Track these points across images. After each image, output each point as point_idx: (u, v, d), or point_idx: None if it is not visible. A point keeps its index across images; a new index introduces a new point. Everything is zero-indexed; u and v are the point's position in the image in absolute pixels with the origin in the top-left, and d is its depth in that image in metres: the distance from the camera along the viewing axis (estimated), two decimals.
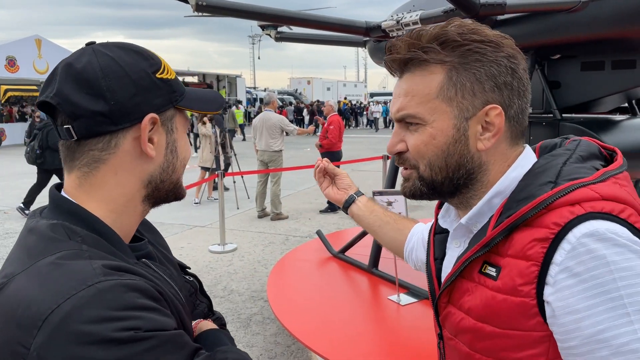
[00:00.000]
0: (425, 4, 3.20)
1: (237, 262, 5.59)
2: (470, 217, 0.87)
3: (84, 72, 0.76)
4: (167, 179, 0.86)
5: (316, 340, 2.78)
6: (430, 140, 0.84)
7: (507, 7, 2.49)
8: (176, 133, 0.87)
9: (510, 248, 0.77)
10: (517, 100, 0.84)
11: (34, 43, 20.96)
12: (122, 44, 0.84)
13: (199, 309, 1.03)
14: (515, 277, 0.75)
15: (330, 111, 8.15)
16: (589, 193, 0.73)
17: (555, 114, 2.86)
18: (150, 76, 0.81)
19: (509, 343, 0.77)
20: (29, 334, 0.63)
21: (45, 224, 0.77)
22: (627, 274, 0.68)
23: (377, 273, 3.71)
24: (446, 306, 0.90)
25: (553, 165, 0.80)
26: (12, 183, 11.06)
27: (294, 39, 4.22)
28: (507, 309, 0.76)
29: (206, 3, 2.86)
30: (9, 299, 0.69)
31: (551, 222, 0.73)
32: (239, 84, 33.40)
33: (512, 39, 0.85)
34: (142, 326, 0.66)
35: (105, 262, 0.71)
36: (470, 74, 0.81)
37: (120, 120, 0.78)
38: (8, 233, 6.90)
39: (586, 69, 2.81)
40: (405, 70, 0.87)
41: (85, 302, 0.64)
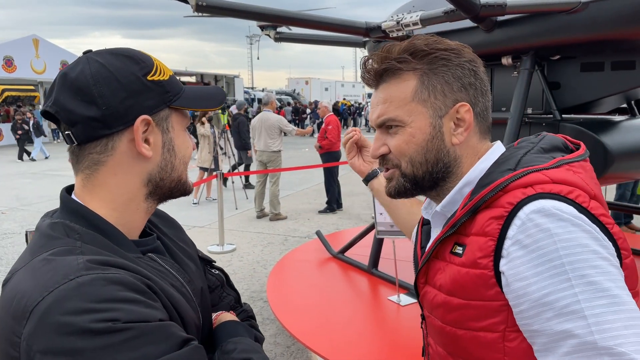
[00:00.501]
0: (425, 4, 3.20)
1: (236, 263, 5.59)
2: (444, 205, 0.96)
3: (77, 80, 0.81)
4: (167, 177, 0.89)
5: (316, 341, 2.78)
6: (410, 138, 0.93)
7: (508, 8, 2.49)
8: (172, 132, 0.89)
9: (473, 227, 0.86)
10: (481, 98, 0.95)
11: (32, 43, 20.92)
12: (114, 49, 0.87)
13: (224, 301, 1.07)
14: (475, 252, 0.84)
15: (325, 112, 8.14)
16: (541, 177, 0.83)
17: (555, 115, 2.87)
18: (141, 79, 0.83)
19: (473, 313, 0.85)
20: (19, 324, 0.69)
21: (47, 223, 0.82)
22: (569, 244, 0.75)
23: (377, 273, 3.72)
24: (424, 286, 0.99)
25: (514, 155, 0.90)
26: (10, 183, 11.03)
27: (294, 39, 4.22)
28: (469, 281, 0.85)
29: (206, 3, 2.85)
30: (8, 292, 0.75)
31: (506, 202, 0.82)
32: (237, 84, 33.37)
33: (469, 47, 0.96)
34: (120, 317, 0.68)
35: (91, 257, 0.75)
36: (440, 77, 0.92)
37: (114, 123, 0.81)
38: (6, 234, 6.88)
39: (586, 69, 2.82)
40: (381, 81, 0.97)
41: (65, 294, 0.68)
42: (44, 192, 9.91)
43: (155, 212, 1.07)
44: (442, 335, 0.93)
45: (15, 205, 8.71)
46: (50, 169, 13.20)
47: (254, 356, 0.86)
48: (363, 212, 8.04)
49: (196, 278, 0.96)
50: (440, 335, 0.95)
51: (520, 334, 0.82)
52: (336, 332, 2.89)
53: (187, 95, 0.90)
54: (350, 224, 7.12)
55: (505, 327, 0.83)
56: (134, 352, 0.68)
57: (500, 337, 0.84)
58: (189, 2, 2.90)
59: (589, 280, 0.73)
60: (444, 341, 0.94)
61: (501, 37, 2.85)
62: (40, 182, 11.15)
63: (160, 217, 1.05)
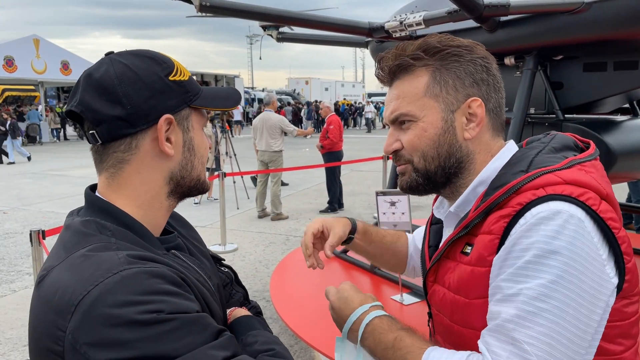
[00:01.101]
0: (427, 5, 3.21)
1: (238, 262, 5.60)
2: (458, 205, 0.96)
3: (102, 80, 0.83)
4: (187, 176, 0.91)
5: (320, 340, 2.79)
6: (422, 133, 0.94)
7: (511, 8, 2.50)
8: (192, 131, 0.91)
9: (483, 228, 0.87)
10: (494, 94, 0.95)
11: (32, 43, 20.92)
12: (136, 51, 0.90)
13: (234, 298, 1.10)
14: (481, 250, 0.85)
15: (327, 112, 8.15)
16: (553, 178, 0.83)
17: (557, 115, 2.88)
18: (163, 79, 0.86)
19: (477, 311, 0.86)
20: (64, 319, 0.70)
21: (78, 221, 0.84)
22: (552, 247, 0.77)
23: (380, 273, 3.72)
24: (432, 284, 1.00)
25: (527, 155, 0.90)
26: (11, 183, 11.04)
27: (296, 39, 4.22)
28: (474, 279, 0.86)
29: (210, 3, 2.86)
30: (48, 289, 0.76)
31: (516, 203, 0.83)
32: (237, 84, 33.37)
33: (482, 45, 0.96)
34: (164, 309, 0.71)
35: (130, 252, 0.77)
36: (452, 72, 0.93)
37: (138, 122, 0.84)
38: (8, 233, 6.89)
39: (588, 69, 2.83)
40: (394, 78, 0.99)
41: (111, 288, 0.70)
42: (44, 192, 9.92)
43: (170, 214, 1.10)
44: (451, 334, 0.94)
45: (17, 205, 8.72)
46: (51, 169, 13.20)
47: (277, 347, 0.88)
48: (364, 211, 8.04)
49: (213, 274, 1.00)
50: (449, 334, 0.96)
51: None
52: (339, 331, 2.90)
53: (205, 95, 0.92)
54: None
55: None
56: (177, 342, 0.70)
57: None
58: (193, 2, 2.91)
59: (540, 291, 0.76)
60: (452, 340, 0.95)
61: (504, 37, 2.85)
62: (41, 182, 11.16)
63: (174, 218, 1.07)
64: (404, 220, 3.11)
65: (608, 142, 2.63)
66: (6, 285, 5.02)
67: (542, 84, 2.94)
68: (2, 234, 6.88)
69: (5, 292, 4.83)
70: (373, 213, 7.70)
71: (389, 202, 3.10)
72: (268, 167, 7.55)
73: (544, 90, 2.96)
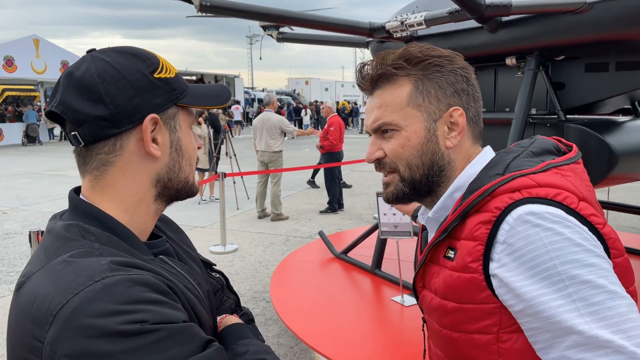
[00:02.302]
0: (428, 5, 3.20)
1: (238, 263, 5.58)
2: (436, 210, 0.98)
3: (83, 79, 0.79)
4: (175, 178, 0.87)
5: (320, 341, 2.78)
6: (405, 142, 0.95)
7: (513, 8, 2.49)
8: (180, 131, 0.87)
9: (463, 232, 0.88)
10: (473, 103, 0.98)
11: (32, 43, 20.91)
12: (119, 47, 0.85)
13: (226, 304, 1.06)
14: (465, 256, 0.86)
15: (329, 112, 8.14)
16: (527, 181, 0.84)
17: (559, 115, 2.86)
18: (148, 77, 0.82)
19: (466, 316, 0.87)
20: (42, 329, 0.66)
21: (60, 225, 0.80)
22: (559, 245, 0.77)
23: (380, 274, 3.71)
24: (422, 290, 1.01)
25: (503, 160, 0.92)
26: (10, 183, 11.03)
27: (296, 39, 4.21)
28: (461, 285, 0.86)
29: (210, 3, 2.85)
30: (26, 296, 0.72)
31: (494, 207, 0.84)
32: (237, 85, 33.38)
33: (461, 55, 0.98)
34: (148, 319, 0.67)
35: (114, 259, 0.73)
36: (434, 82, 0.95)
37: (122, 122, 0.80)
38: (7, 234, 6.88)
39: (590, 70, 2.81)
40: (376, 87, 0.99)
41: (92, 296, 0.66)
42: (44, 192, 9.90)
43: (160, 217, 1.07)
44: (440, 338, 0.95)
45: (17, 205, 8.70)
46: (50, 169, 13.19)
47: (267, 357, 0.85)
48: (364, 212, 8.03)
49: (203, 280, 0.96)
50: (438, 338, 0.96)
51: (513, 335, 0.84)
52: (340, 333, 2.89)
53: (193, 93, 0.89)
54: (352, 224, 7.12)
55: (499, 328, 0.85)
56: (162, 353, 0.67)
57: (494, 339, 0.85)
58: (193, 2, 2.90)
59: (582, 279, 0.75)
60: (441, 344, 0.96)
61: (505, 37, 2.84)
62: (41, 182, 11.14)
63: (163, 221, 1.04)
64: (404, 222, 3.10)
65: (610, 143, 2.62)
66: (5, 285, 5.01)
67: (544, 85, 2.93)
68: (2, 234, 6.86)
69: (5, 293, 4.81)
70: (373, 213, 7.69)
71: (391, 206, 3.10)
72: (268, 168, 7.54)
73: (545, 91, 2.95)
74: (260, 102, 27.78)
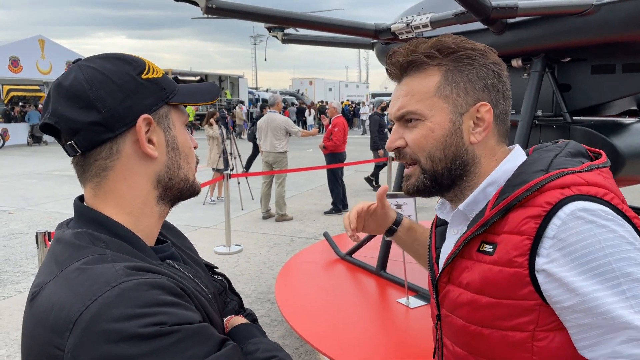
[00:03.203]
0: (433, 6, 3.20)
1: (242, 264, 5.59)
2: (467, 204, 0.96)
3: (72, 87, 0.80)
4: (175, 177, 0.88)
5: (325, 343, 2.78)
6: (429, 133, 0.93)
7: (519, 10, 2.49)
8: (174, 130, 0.88)
9: (505, 226, 0.87)
10: (502, 101, 0.96)
11: (38, 43, 21.01)
12: (104, 54, 0.86)
13: (229, 306, 1.07)
14: (510, 250, 0.84)
15: (334, 113, 8.14)
16: (577, 179, 0.84)
17: (565, 117, 2.86)
18: (136, 78, 0.83)
19: (504, 312, 0.86)
20: (62, 337, 0.67)
21: (70, 233, 0.80)
22: (613, 243, 0.77)
23: (385, 276, 3.71)
24: (445, 285, 0.98)
25: (544, 157, 0.91)
26: (16, 184, 11.08)
27: (301, 40, 4.22)
28: (502, 280, 0.85)
29: (216, 6, 2.86)
30: (42, 306, 0.72)
31: (544, 202, 0.82)
32: (241, 85, 33.41)
33: (495, 51, 0.96)
34: (167, 321, 0.68)
35: (128, 264, 0.74)
36: (464, 75, 0.93)
37: (116, 126, 0.80)
38: (13, 234, 6.91)
39: (597, 72, 2.81)
40: (404, 74, 0.97)
41: (111, 302, 0.67)
42: (49, 192, 9.95)
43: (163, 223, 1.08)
44: (465, 334, 0.93)
45: (22, 205, 8.75)
46: (55, 169, 13.25)
47: (279, 354, 0.86)
48: None
49: (209, 283, 0.97)
50: (462, 335, 0.94)
51: (550, 333, 0.83)
52: (345, 334, 2.89)
53: (182, 91, 0.90)
54: None
55: (535, 326, 0.84)
56: (182, 354, 0.68)
57: (530, 337, 0.84)
58: (199, 4, 2.91)
59: (636, 277, 0.76)
60: (466, 341, 0.94)
61: (511, 39, 2.84)
62: (46, 182, 11.19)
63: (165, 227, 1.04)
64: None
65: (616, 144, 2.61)
66: (12, 286, 5.04)
67: (550, 86, 2.92)
68: (8, 234, 6.90)
69: (11, 293, 4.84)
70: None
71: (395, 204, 3.09)
72: (273, 168, 7.55)
73: (551, 93, 2.94)
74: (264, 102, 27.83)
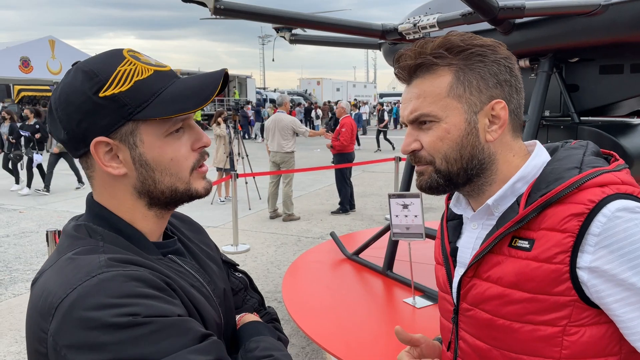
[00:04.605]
0: (440, 6, 3.20)
1: (250, 263, 5.62)
2: (496, 199, 0.95)
3: (52, 102, 0.83)
4: (154, 190, 0.85)
5: (331, 342, 2.79)
6: (445, 134, 0.92)
7: (526, 11, 2.49)
8: (142, 146, 0.82)
9: (543, 222, 0.87)
10: (515, 95, 0.95)
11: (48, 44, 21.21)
12: (84, 61, 0.85)
13: (248, 303, 1.08)
14: (551, 247, 0.85)
15: (342, 113, 8.15)
16: (613, 178, 0.86)
17: (573, 117, 2.85)
18: (91, 98, 0.79)
19: (538, 307, 0.86)
20: (46, 321, 0.72)
21: (71, 225, 0.86)
22: None
23: (392, 275, 3.71)
24: (470, 280, 0.97)
25: (574, 154, 0.92)
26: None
27: (309, 41, 4.23)
28: (540, 275, 0.85)
29: (224, 7, 2.88)
30: (36, 291, 0.78)
31: (586, 199, 0.83)
32: (249, 85, 33.50)
33: (504, 44, 0.95)
34: (140, 312, 0.70)
35: (112, 256, 0.77)
36: (476, 73, 0.91)
37: (78, 146, 0.82)
38: (24, 232, 6.99)
39: (605, 72, 2.80)
40: (414, 76, 0.95)
41: (88, 291, 0.71)
42: (59, 191, 10.04)
43: (180, 216, 1.09)
44: (490, 328, 0.93)
45: (32, 204, 8.84)
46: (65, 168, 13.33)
47: (276, 353, 0.87)
48: (376, 213, 8.03)
49: (218, 279, 0.98)
50: (486, 328, 0.94)
51: (581, 328, 0.85)
52: (351, 334, 2.90)
53: (162, 99, 0.81)
54: (363, 225, 7.13)
55: (568, 321, 0.85)
56: (154, 345, 0.70)
57: (561, 331, 0.85)
58: (207, 5, 2.93)
59: None
60: (491, 334, 0.93)
61: (519, 39, 2.84)
62: (55, 181, 11.28)
63: (184, 222, 1.06)
64: (416, 223, 3.10)
65: (624, 145, 2.60)
66: (22, 284, 5.10)
67: (558, 87, 2.92)
68: (18, 232, 6.98)
69: (22, 291, 4.90)
70: (384, 214, 7.69)
71: (402, 204, 3.10)
72: (280, 168, 7.57)
73: (559, 93, 2.94)
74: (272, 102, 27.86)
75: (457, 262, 1.03)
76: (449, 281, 1.04)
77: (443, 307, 1.08)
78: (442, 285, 1.08)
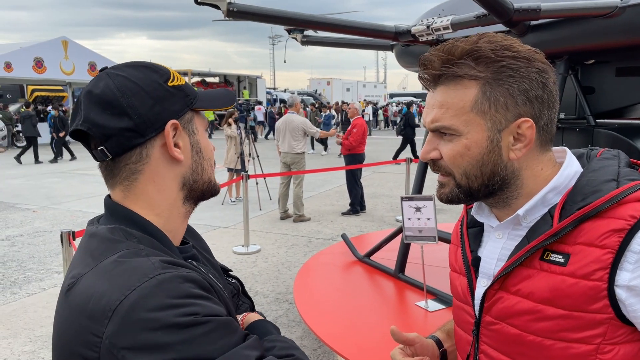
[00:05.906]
0: (454, 8, 3.18)
1: (261, 264, 5.63)
2: (527, 209, 0.91)
3: (104, 95, 0.84)
4: (199, 179, 0.92)
5: (343, 345, 2.79)
6: (465, 151, 0.88)
7: (542, 13, 2.46)
8: (198, 134, 0.92)
9: (580, 237, 0.84)
10: (546, 111, 0.89)
11: (61, 44, 21.40)
12: (131, 62, 0.90)
13: (242, 308, 1.10)
14: (590, 263, 0.82)
15: (355, 114, 8.13)
16: None
17: (589, 120, 2.82)
18: (163, 86, 0.87)
19: (573, 324, 0.84)
20: (100, 324, 0.71)
21: (104, 228, 0.85)
22: None
23: (404, 278, 3.70)
24: (496, 292, 0.94)
25: (609, 165, 0.89)
26: (40, 182, 11.32)
27: (320, 42, 4.23)
28: (577, 292, 0.82)
29: (237, 9, 2.89)
30: (79, 296, 0.76)
31: (627, 215, 0.80)
32: (259, 85, 33.59)
33: (542, 53, 0.89)
34: (200, 312, 0.73)
35: (162, 258, 0.79)
36: (504, 89, 0.85)
37: (146, 131, 0.85)
38: (37, 232, 7.07)
39: (621, 74, 2.76)
40: (439, 82, 0.90)
41: (149, 292, 0.71)
42: (72, 191, 10.14)
43: None
44: (519, 344, 0.90)
45: (46, 204, 8.93)
46: (77, 168, 13.49)
47: (296, 352, 0.87)
48: (387, 214, 8.01)
49: (224, 284, 1.00)
50: (514, 344, 0.91)
51: (615, 346, 0.83)
52: (363, 336, 2.89)
53: (202, 97, 0.94)
54: (374, 227, 7.11)
55: (602, 340, 0.83)
56: (214, 344, 0.72)
57: (595, 349, 0.83)
58: (220, 7, 2.94)
59: None
60: (519, 350, 0.90)
61: (534, 41, 2.81)
62: (69, 181, 11.41)
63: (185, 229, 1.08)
64: (429, 226, 3.08)
65: None
66: (36, 283, 5.15)
67: (573, 89, 2.89)
68: (32, 232, 7.06)
69: (35, 290, 4.95)
70: (395, 216, 7.66)
71: (415, 207, 3.08)
72: (290, 169, 7.58)
73: (574, 95, 2.91)
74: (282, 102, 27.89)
75: (479, 272, 0.99)
76: (470, 292, 1.00)
77: (461, 318, 1.05)
78: (461, 295, 1.04)
